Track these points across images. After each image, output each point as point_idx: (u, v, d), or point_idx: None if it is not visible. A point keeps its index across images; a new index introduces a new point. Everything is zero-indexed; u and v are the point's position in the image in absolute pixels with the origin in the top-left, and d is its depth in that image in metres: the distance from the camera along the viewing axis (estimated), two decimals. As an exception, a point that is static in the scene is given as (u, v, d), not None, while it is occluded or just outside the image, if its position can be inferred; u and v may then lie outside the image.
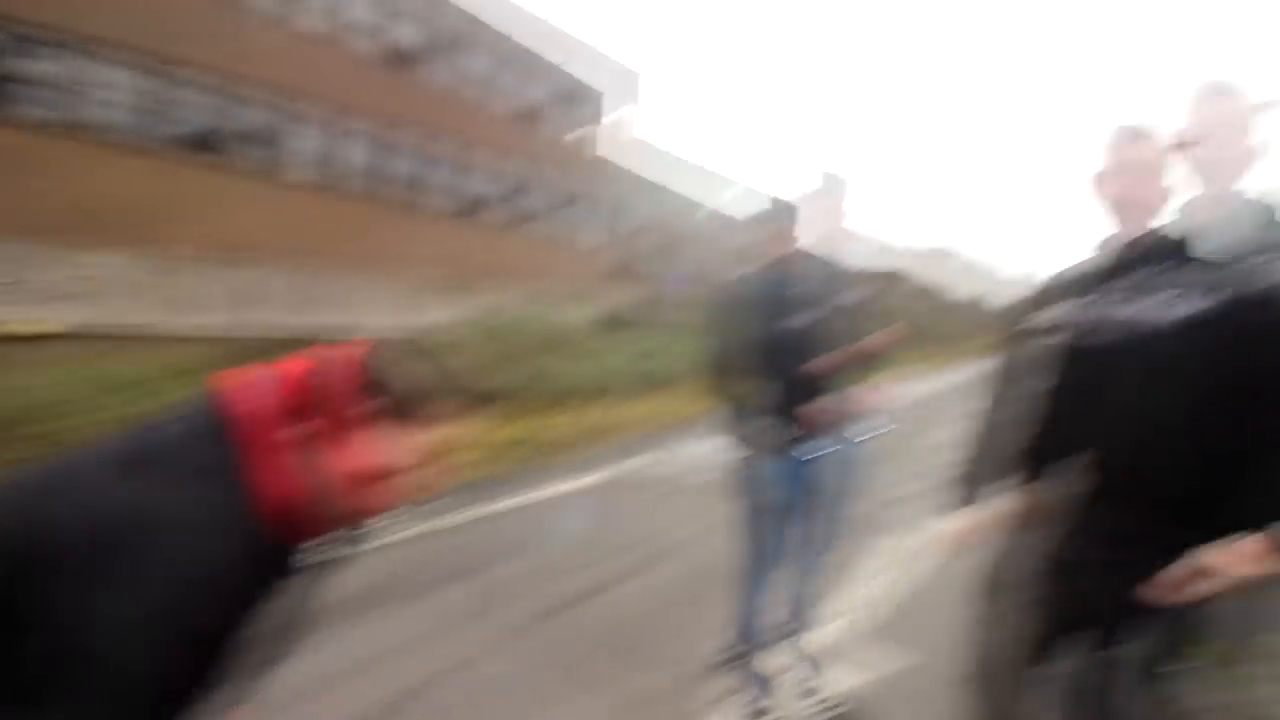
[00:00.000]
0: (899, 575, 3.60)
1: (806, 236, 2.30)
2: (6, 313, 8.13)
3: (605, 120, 20.30)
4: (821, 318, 2.24)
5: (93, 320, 8.82)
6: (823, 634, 2.85)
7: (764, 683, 2.37)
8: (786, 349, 2.19)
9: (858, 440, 2.27)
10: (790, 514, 2.27)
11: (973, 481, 1.61)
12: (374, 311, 13.18)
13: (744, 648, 2.48)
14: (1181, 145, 1.25)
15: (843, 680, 2.46)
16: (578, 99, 19.31)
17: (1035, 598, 1.39)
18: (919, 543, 4.03)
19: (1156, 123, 1.32)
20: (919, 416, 9.25)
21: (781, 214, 2.30)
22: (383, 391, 0.76)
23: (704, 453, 4.80)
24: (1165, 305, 1.19)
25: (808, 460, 2.22)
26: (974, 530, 1.56)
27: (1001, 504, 1.52)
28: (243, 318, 10.41)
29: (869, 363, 2.24)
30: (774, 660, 2.44)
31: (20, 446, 3.95)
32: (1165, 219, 1.31)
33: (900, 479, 5.95)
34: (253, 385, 0.76)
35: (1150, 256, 1.26)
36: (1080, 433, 1.33)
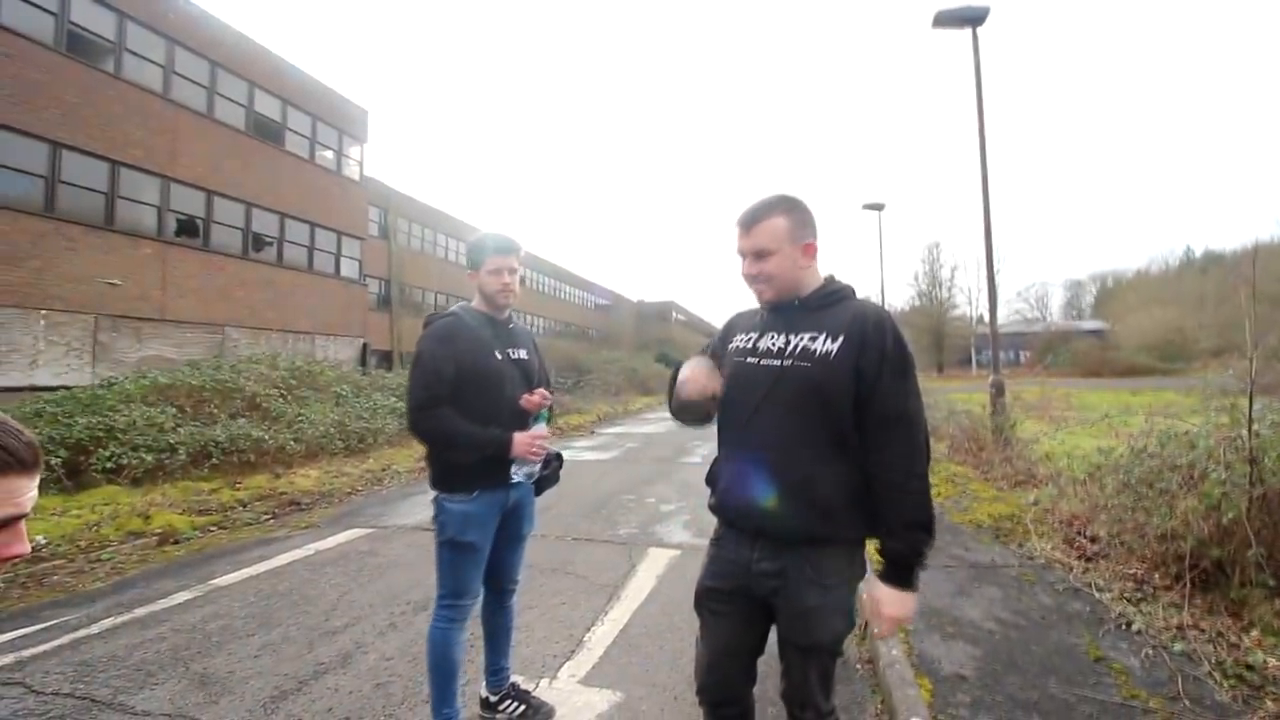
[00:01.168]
0: (596, 612, 3.69)
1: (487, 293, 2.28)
2: None
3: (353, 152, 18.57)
4: (522, 357, 2.34)
5: None
6: (529, 674, 2.95)
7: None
8: (503, 380, 2.23)
9: (533, 478, 2.32)
10: (485, 551, 2.25)
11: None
12: (23, 363, 10.32)
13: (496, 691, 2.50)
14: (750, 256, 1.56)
15: None
16: (337, 118, 17.57)
17: (720, 609, 1.62)
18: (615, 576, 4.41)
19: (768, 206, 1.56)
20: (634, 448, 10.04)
21: (503, 247, 2.27)
22: None
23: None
24: (809, 340, 1.51)
25: (514, 491, 2.26)
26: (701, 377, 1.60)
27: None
28: None
29: (542, 412, 2.28)
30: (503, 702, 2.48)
31: None
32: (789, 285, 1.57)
33: (580, 516, 6.53)
34: None
35: (784, 309, 1.58)
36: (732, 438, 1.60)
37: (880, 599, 1.45)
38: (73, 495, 6.53)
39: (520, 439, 2.16)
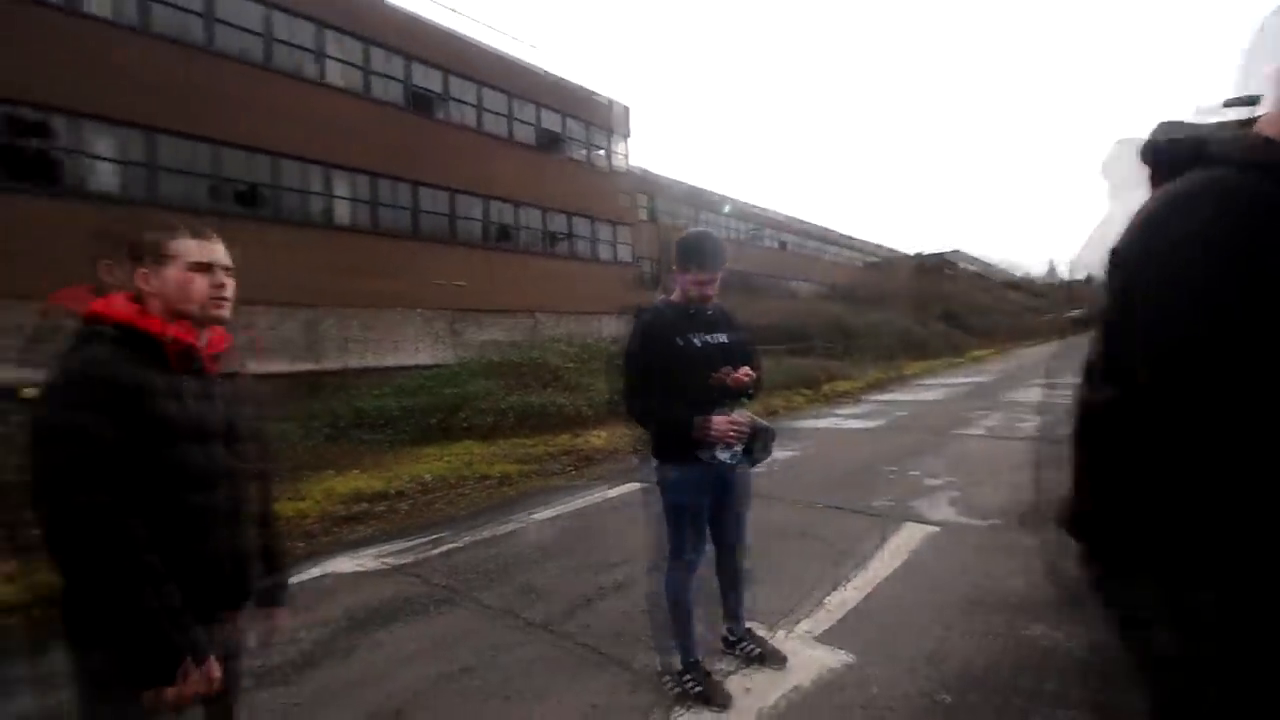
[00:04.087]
0: (839, 578, 3.75)
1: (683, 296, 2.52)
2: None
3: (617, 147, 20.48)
4: (722, 341, 2.50)
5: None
6: (767, 624, 3.12)
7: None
8: (693, 364, 2.41)
9: (745, 455, 2.52)
10: (701, 515, 2.55)
11: None
12: (410, 349, 13.92)
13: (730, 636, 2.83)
14: None
15: (779, 677, 2.65)
16: (597, 115, 19.74)
17: None
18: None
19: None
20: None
21: (713, 265, 2.44)
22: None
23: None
24: None
25: (715, 466, 2.45)
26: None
27: None
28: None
29: (744, 391, 2.44)
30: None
31: None
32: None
33: (830, 485, 6.19)
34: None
35: None
36: None
37: None
38: (445, 446, 8.80)
39: (718, 422, 2.33)
